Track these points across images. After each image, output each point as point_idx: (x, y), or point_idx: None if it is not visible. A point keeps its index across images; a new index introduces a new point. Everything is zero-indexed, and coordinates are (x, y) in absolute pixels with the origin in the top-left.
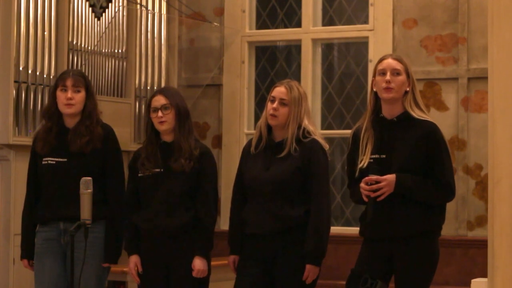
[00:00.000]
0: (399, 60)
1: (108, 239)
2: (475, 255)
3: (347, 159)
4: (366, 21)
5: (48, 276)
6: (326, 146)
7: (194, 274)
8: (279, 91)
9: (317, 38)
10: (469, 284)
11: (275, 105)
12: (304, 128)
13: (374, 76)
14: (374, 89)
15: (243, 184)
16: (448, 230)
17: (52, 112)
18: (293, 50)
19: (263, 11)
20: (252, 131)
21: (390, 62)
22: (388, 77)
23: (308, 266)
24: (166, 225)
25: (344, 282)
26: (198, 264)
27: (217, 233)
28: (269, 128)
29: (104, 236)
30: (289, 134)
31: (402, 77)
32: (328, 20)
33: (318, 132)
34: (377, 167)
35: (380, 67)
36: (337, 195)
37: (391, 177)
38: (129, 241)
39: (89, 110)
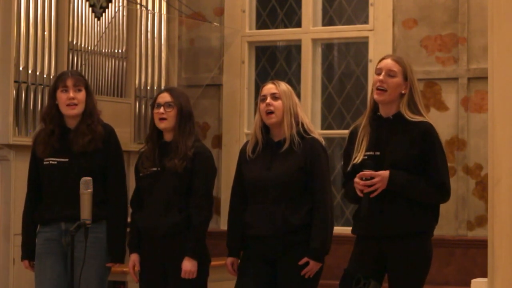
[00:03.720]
0: (397, 61)
1: (111, 238)
2: (475, 255)
3: (343, 156)
4: (366, 21)
5: (49, 277)
6: (323, 141)
7: (182, 275)
8: (268, 88)
9: (317, 38)
10: (469, 284)
11: (268, 100)
12: (303, 124)
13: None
14: (372, 87)
15: (242, 186)
16: (448, 230)
17: (53, 114)
18: (293, 50)
19: (263, 11)
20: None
21: (387, 62)
22: (381, 77)
23: (312, 262)
24: (160, 224)
25: None
26: (186, 265)
27: (217, 233)
28: (266, 130)
29: (105, 236)
30: (285, 126)
31: (397, 79)
32: (328, 20)
33: (313, 126)
34: (372, 162)
35: (377, 66)
36: (337, 195)
37: (385, 173)
38: (131, 239)
39: (90, 109)
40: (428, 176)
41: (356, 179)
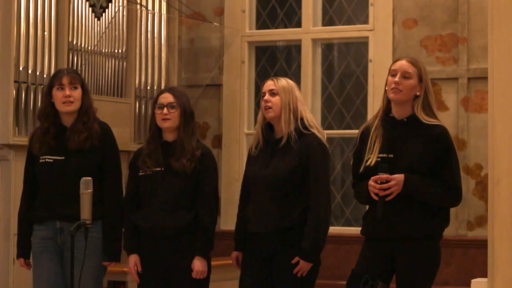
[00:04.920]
0: (413, 63)
1: (107, 237)
2: (475, 255)
3: (354, 156)
4: (366, 21)
5: (46, 276)
6: (324, 137)
7: (193, 275)
8: (267, 84)
9: (317, 38)
10: (469, 284)
11: (266, 97)
12: (302, 119)
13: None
14: (386, 88)
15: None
16: (448, 230)
17: (49, 112)
18: (293, 50)
19: (263, 11)
20: (252, 131)
21: (403, 64)
22: (397, 78)
23: (302, 262)
24: (167, 225)
25: (344, 282)
26: (198, 265)
27: (217, 233)
28: (271, 129)
29: (101, 236)
30: (282, 123)
31: (412, 81)
32: (328, 20)
33: (315, 121)
34: (387, 165)
35: (393, 67)
36: (337, 195)
37: (400, 176)
38: (128, 240)
39: (86, 107)
40: (442, 180)
41: (371, 183)
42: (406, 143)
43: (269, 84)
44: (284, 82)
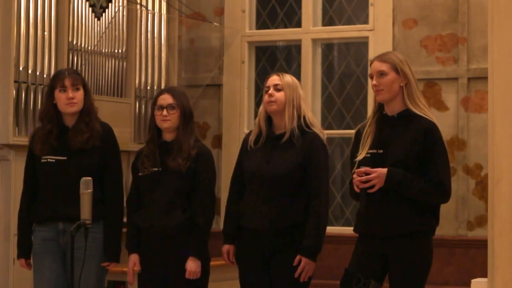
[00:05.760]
0: (383, 60)
1: (107, 238)
2: (475, 255)
3: (350, 155)
4: (366, 21)
5: (48, 277)
6: (324, 137)
7: (186, 275)
8: (272, 79)
9: (317, 38)
10: (469, 284)
11: (270, 91)
12: (305, 117)
13: None
14: None
15: (242, 176)
16: (448, 230)
17: (51, 114)
18: (293, 50)
19: (263, 11)
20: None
21: (374, 65)
22: (374, 81)
23: (304, 260)
24: (163, 224)
25: None
26: (191, 265)
27: (217, 233)
28: (269, 123)
29: (102, 236)
30: (286, 118)
31: (390, 76)
32: (328, 20)
33: (316, 121)
34: (369, 160)
35: (369, 72)
36: (337, 195)
37: (382, 170)
38: (129, 240)
39: (88, 107)
40: (427, 175)
41: (354, 175)
42: (395, 139)
43: (274, 79)
44: (289, 78)
